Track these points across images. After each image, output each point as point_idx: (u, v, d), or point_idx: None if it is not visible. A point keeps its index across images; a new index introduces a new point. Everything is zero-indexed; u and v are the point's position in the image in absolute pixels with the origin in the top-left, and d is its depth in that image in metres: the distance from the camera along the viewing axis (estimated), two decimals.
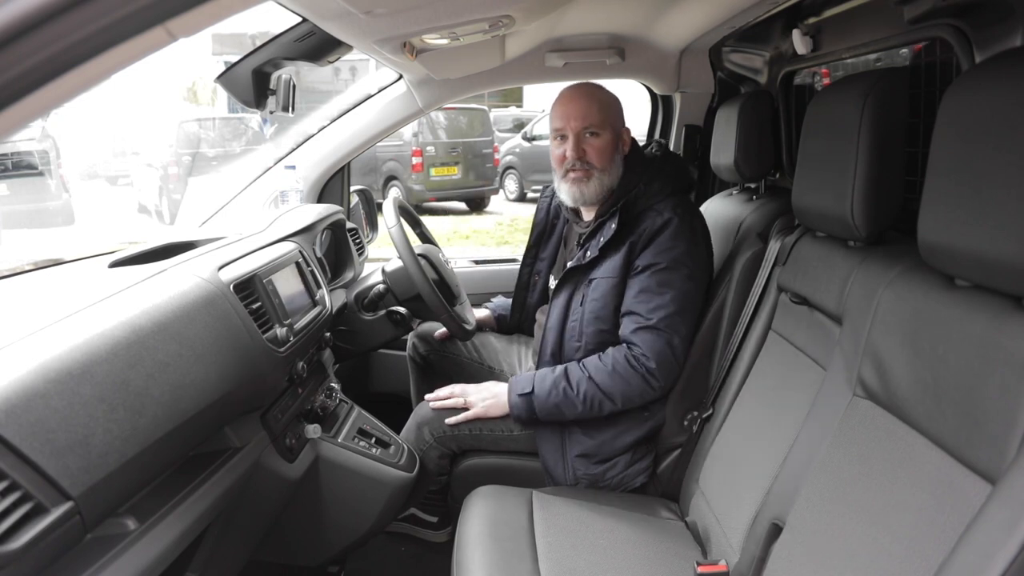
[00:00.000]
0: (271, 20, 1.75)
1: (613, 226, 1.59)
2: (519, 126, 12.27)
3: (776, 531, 1.11)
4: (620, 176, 1.66)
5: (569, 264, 1.69)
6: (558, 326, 1.67)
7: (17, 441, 0.76)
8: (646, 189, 1.63)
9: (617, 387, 1.56)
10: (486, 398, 1.67)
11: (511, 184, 11.52)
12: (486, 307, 2.13)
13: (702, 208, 2.11)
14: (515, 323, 2.04)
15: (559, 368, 1.61)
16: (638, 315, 1.57)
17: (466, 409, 1.68)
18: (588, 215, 1.74)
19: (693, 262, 1.59)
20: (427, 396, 1.76)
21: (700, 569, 1.22)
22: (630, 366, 1.55)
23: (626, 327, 1.59)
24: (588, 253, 1.63)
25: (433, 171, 9.93)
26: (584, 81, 1.74)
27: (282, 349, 1.34)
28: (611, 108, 1.67)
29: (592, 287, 1.63)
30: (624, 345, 1.59)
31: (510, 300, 2.07)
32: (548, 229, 1.93)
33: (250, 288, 1.32)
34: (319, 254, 1.82)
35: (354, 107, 2.21)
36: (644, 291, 1.57)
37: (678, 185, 1.68)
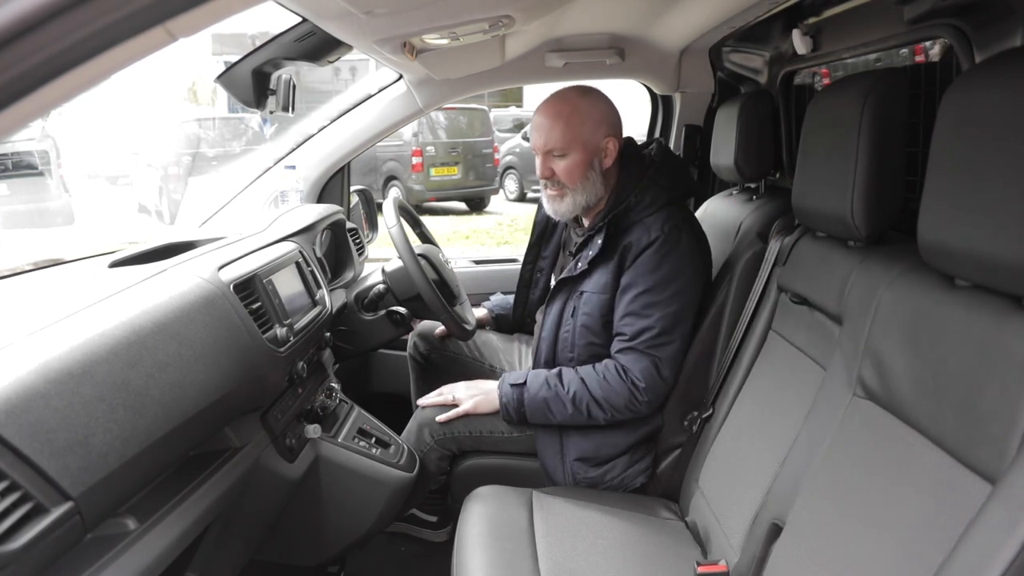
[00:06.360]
0: (271, 20, 1.75)
1: (599, 242, 1.58)
2: (519, 126, 12.25)
3: (776, 531, 1.11)
4: (603, 190, 1.63)
5: (561, 275, 1.69)
6: (551, 337, 1.68)
7: (17, 441, 0.76)
8: (637, 202, 1.59)
9: (606, 395, 1.56)
10: (475, 395, 1.68)
11: (511, 184, 11.52)
12: (484, 306, 2.13)
13: (702, 208, 2.12)
14: (518, 319, 2.04)
15: (555, 369, 1.63)
16: (623, 336, 1.58)
17: (456, 406, 1.69)
18: (587, 221, 1.72)
19: (679, 280, 1.56)
20: (419, 400, 1.76)
21: (700, 569, 1.22)
22: (619, 377, 1.56)
23: (614, 346, 1.60)
24: (579, 265, 1.63)
25: (433, 171, 9.92)
26: (565, 88, 1.67)
27: (282, 349, 1.34)
28: (582, 124, 1.58)
29: (583, 300, 1.63)
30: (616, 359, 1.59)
31: (508, 298, 2.07)
32: (549, 228, 1.93)
33: (250, 288, 1.32)
34: (319, 254, 1.82)
35: (354, 107, 2.21)
36: (629, 314, 1.57)
37: (673, 195, 1.62)
